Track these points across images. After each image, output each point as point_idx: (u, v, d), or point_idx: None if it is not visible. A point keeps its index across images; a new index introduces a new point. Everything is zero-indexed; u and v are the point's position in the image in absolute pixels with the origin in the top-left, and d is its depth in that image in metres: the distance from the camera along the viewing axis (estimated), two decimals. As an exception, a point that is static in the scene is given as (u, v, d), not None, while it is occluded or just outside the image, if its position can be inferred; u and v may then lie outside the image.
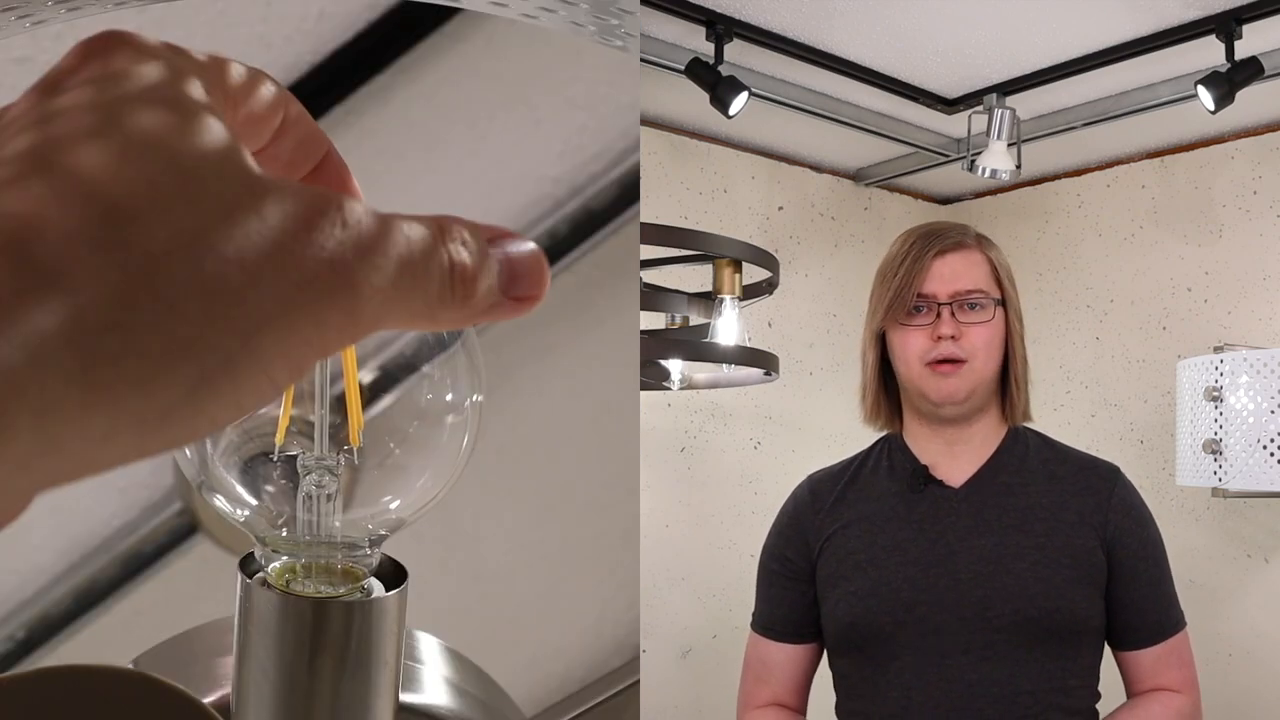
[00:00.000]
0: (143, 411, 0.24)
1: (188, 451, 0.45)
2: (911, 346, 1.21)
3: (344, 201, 0.28)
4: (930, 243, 1.22)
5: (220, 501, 0.45)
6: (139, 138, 0.26)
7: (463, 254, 0.30)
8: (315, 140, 0.36)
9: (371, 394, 0.45)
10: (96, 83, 0.28)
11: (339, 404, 0.44)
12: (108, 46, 0.29)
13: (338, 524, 0.45)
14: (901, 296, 1.21)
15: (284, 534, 0.45)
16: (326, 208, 0.27)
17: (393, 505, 0.46)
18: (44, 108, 0.27)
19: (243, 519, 0.45)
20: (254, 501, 0.45)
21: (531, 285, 0.32)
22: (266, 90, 0.33)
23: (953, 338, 1.19)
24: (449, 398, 0.46)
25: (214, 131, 0.27)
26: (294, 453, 0.45)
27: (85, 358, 0.23)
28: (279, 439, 0.44)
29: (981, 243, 1.25)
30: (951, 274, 1.21)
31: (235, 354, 0.25)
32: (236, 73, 0.32)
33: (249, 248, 0.25)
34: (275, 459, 0.45)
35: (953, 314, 1.20)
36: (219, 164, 0.27)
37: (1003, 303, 1.23)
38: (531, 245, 0.33)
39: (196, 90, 0.29)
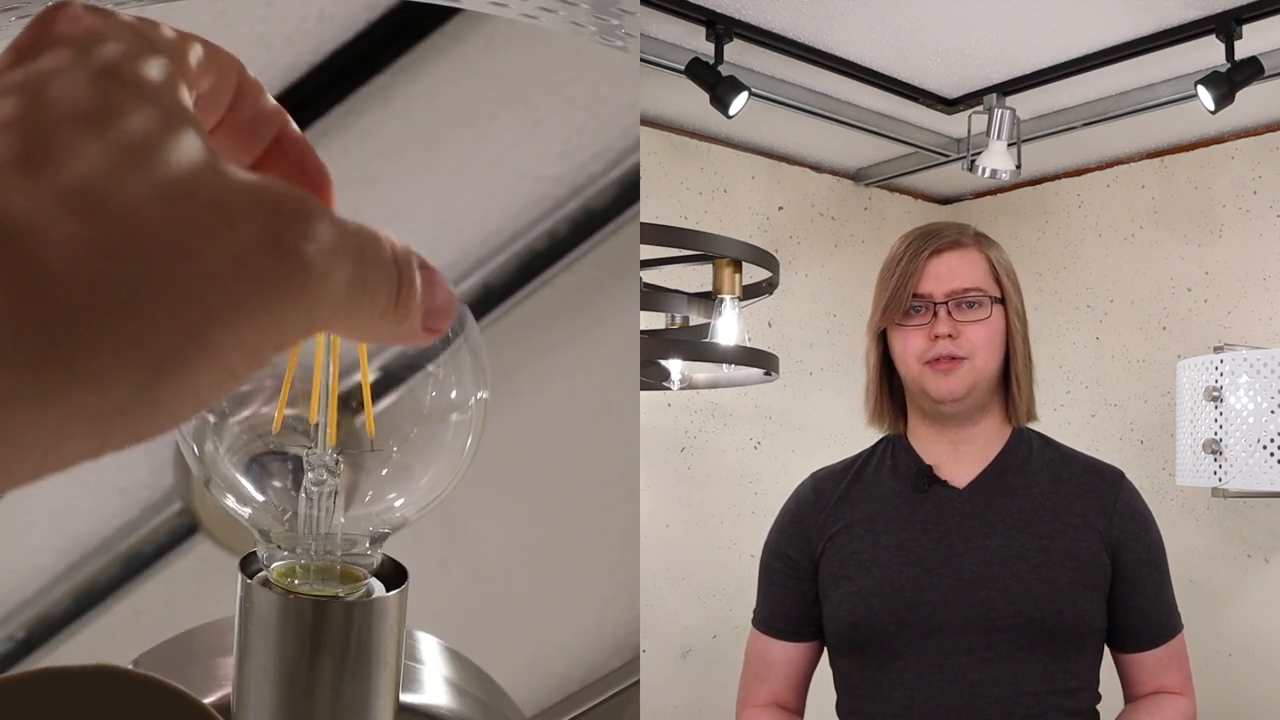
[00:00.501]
0: (96, 407, 0.24)
1: (195, 448, 0.45)
2: (910, 346, 1.21)
3: (310, 202, 0.28)
4: (927, 242, 1.22)
5: (225, 498, 0.45)
6: (93, 126, 0.26)
7: (412, 274, 0.31)
8: (269, 112, 0.35)
9: (376, 392, 0.45)
10: (58, 73, 0.27)
11: (344, 402, 0.44)
12: (56, 29, 0.29)
13: (341, 521, 0.45)
14: (898, 297, 1.21)
15: (286, 531, 0.45)
16: (293, 207, 0.28)
17: (398, 504, 0.46)
18: (13, 75, 0.27)
19: (247, 515, 0.45)
20: (259, 498, 0.45)
21: (445, 322, 0.34)
22: (223, 63, 0.33)
23: (950, 336, 1.19)
24: (454, 395, 0.45)
25: (173, 123, 0.27)
26: (298, 450, 0.45)
27: (34, 353, 0.23)
28: (275, 428, 0.44)
29: (980, 241, 1.25)
30: (948, 273, 1.21)
31: (186, 348, 0.25)
32: (197, 50, 0.32)
33: (206, 244, 0.25)
34: (276, 453, 0.44)
35: (949, 313, 1.20)
36: (180, 158, 0.26)
37: (1002, 301, 1.23)
38: (446, 282, 0.34)
39: (155, 69, 0.29)
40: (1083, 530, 1.19)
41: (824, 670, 1.31)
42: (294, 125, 0.36)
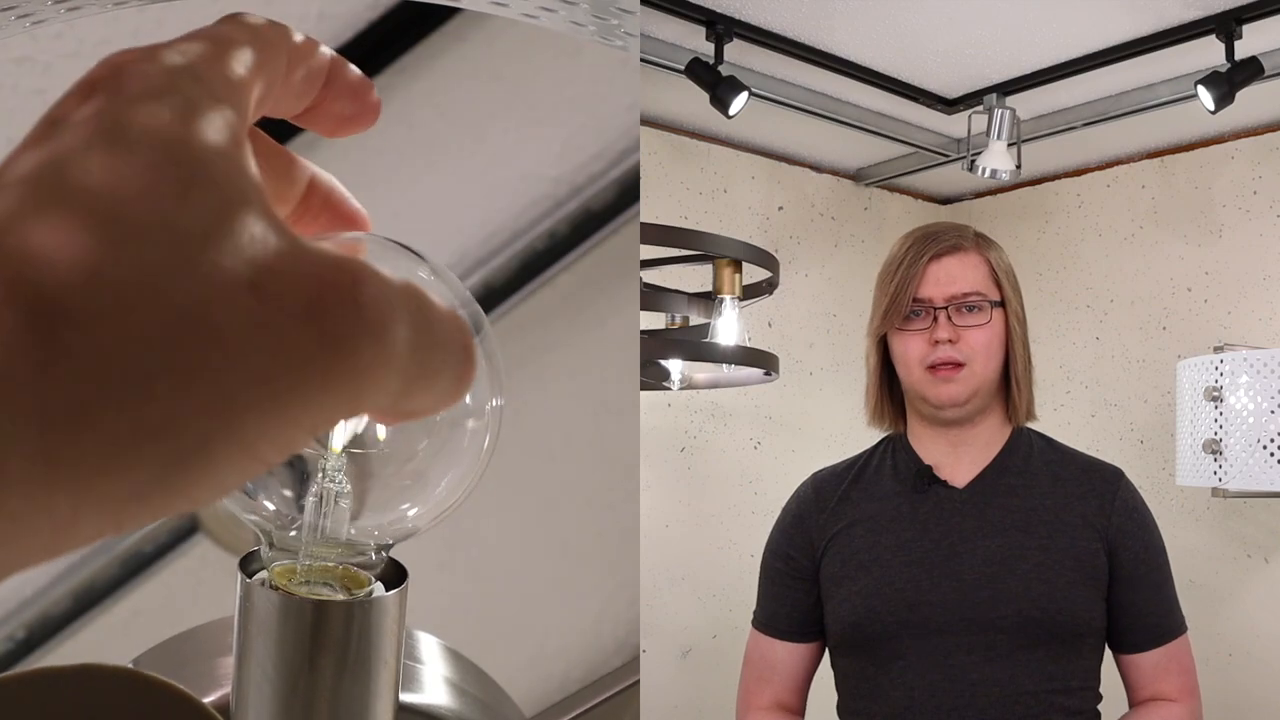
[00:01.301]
0: (110, 493, 0.23)
1: None
2: (910, 351, 1.21)
3: (362, 275, 0.25)
4: (926, 246, 1.22)
5: (230, 501, 0.45)
6: (117, 193, 0.24)
7: (474, 349, 0.29)
8: (320, 66, 0.34)
9: None
10: (91, 121, 0.25)
11: None
12: (114, 72, 0.27)
13: (353, 531, 0.45)
14: (898, 302, 1.21)
15: (292, 535, 0.45)
16: (339, 281, 0.25)
17: (410, 513, 0.45)
18: (33, 143, 0.25)
19: (252, 519, 0.45)
20: (268, 506, 0.44)
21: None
22: (299, 55, 0.32)
23: (950, 341, 1.19)
24: (469, 401, 0.44)
25: (222, 183, 0.25)
26: (308, 455, 0.44)
27: (46, 437, 0.21)
28: None
29: (980, 244, 1.25)
30: (947, 277, 1.21)
31: (211, 435, 0.23)
32: (261, 65, 0.30)
33: (236, 328, 0.23)
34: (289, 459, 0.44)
35: (949, 318, 1.20)
36: (214, 229, 0.24)
37: (1001, 304, 1.23)
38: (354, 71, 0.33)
39: (214, 124, 0.26)
40: (1082, 529, 1.19)
41: (824, 671, 1.31)
42: (347, 69, 0.35)
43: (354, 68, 0.35)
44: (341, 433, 0.44)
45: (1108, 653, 1.23)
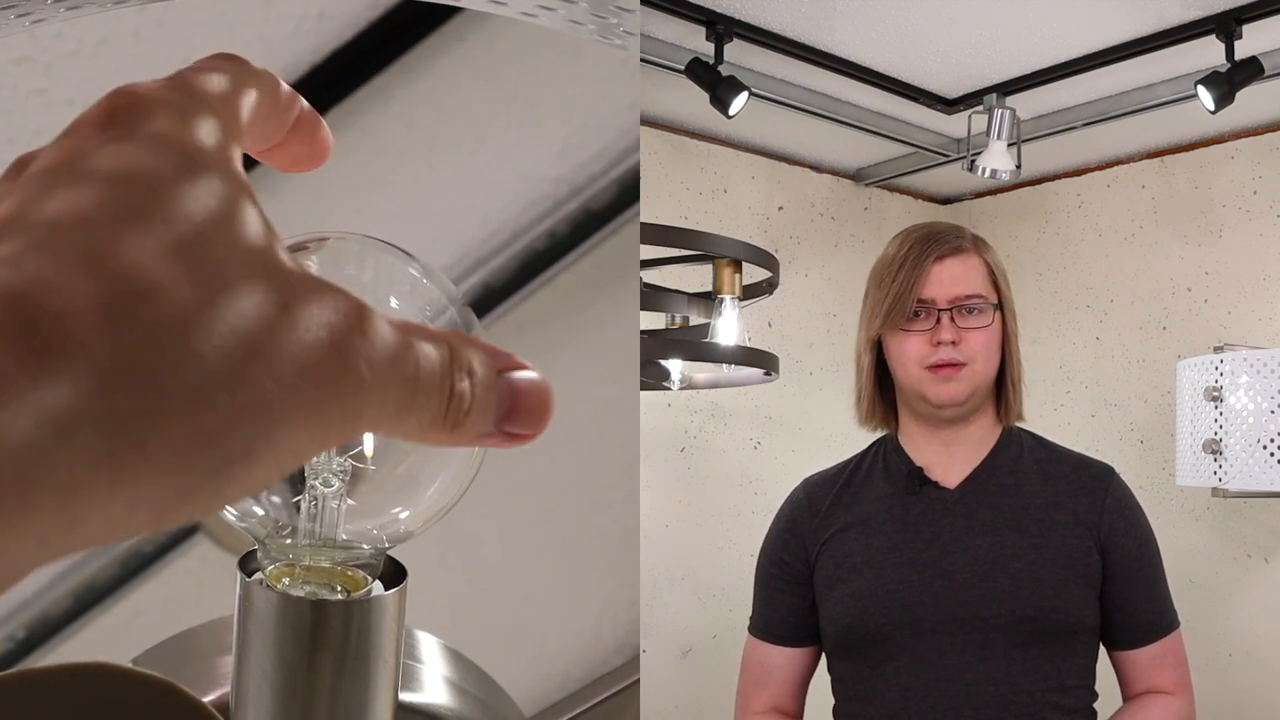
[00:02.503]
0: (164, 493, 0.25)
1: None
2: (910, 351, 1.21)
3: (367, 312, 0.29)
4: (929, 247, 1.22)
5: (224, 510, 0.45)
6: (169, 218, 0.26)
7: (464, 386, 0.31)
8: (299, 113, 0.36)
9: None
10: (119, 147, 0.28)
11: None
12: (123, 106, 0.29)
13: (345, 535, 0.45)
14: (901, 301, 1.20)
15: (287, 540, 0.44)
16: (351, 314, 0.28)
17: (403, 515, 0.45)
18: (65, 168, 0.27)
19: (245, 526, 0.45)
20: (256, 508, 0.44)
21: (529, 424, 0.32)
22: (280, 100, 0.34)
23: (953, 343, 1.19)
24: None
25: (248, 214, 0.28)
26: None
27: (112, 441, 0.23)
28: None
29: (978, 245, 1.25)
30: (951, 279, 1.21)
31: (255, 443, 0.26)
32: (251, 99, 0.33)
33: (274, 347, 0.26)
34: None
35: (952, 319, 1.20)
36: (248, 250, 0.27)
37: (1000, 306, 1.23)
38: (538, 380, 0.33)
39: (226, 160, 0.29)
40: (1074, 527, 1.19)
41: (822, 673, 1.31)
42: (305, 105, 0.37)
43: (310, 110, 0.37)
44: None
45: (1103, 651, 1.23)
